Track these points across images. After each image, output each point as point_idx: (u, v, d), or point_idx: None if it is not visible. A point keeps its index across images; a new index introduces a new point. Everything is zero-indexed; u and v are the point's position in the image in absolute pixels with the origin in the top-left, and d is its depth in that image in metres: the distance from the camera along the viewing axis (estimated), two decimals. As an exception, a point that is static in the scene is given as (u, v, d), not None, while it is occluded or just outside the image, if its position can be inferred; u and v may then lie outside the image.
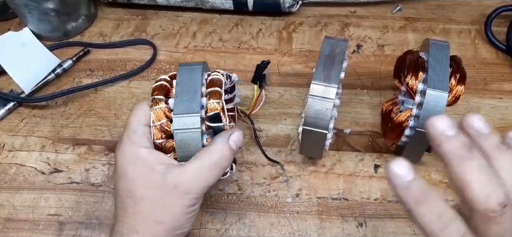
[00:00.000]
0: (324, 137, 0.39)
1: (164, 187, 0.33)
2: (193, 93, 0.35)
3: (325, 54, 0.38)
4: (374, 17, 0.61)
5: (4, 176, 0.47)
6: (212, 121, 0.35)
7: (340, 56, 0.38)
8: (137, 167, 0.33)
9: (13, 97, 0.52)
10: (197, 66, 0.37)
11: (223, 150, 0.34)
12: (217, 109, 0.35)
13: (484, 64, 0.54)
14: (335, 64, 0.38)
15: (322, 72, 0.37)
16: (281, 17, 0.62)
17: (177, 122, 0.34)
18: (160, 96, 0.36)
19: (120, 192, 0.34)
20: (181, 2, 0.61)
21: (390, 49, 0.57)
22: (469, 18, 0.60)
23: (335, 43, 0.39)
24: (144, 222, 0.33)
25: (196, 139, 0.35)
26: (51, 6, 0.56)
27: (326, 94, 0.37)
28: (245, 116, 0.49)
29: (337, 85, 0.37)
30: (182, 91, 0.36)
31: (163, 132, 0.36)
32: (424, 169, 0.45)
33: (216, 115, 0.35)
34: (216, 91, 0.36)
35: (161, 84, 0.37)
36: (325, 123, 0.37)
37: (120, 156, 0.34)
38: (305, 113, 0.38)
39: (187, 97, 0.35)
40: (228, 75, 0.40)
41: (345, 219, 0.42)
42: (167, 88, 0.37)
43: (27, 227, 0.43)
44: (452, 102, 0.38)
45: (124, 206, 0.33)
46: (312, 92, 0.37)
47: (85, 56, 0.58)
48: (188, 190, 0.33)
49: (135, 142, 0.34)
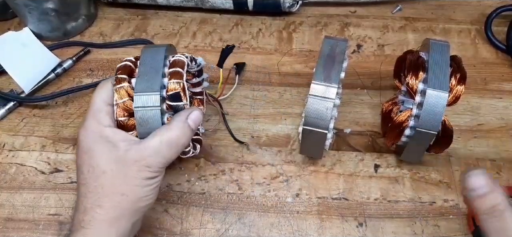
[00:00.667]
0: (324, 137, 0.39)
1: (126, 161, 0.34)
2: (155, 73, 0.37)
3: (325, 54, 0.39)
4: (374, 17, 0.61)
5: (4, 175, 0.47)
6: (172, 100, 0.37)
7: (340, 56, 0.38)
8: (100, 145, 0.35)
9: (13, 96, 0.52)
10: (161, 47, 0.39)
11: (181, 127, 0.35)
12: (177, 89, 0.37)
13: (484, 64, 0.54)
14: (335, 64, 0.38)
15: (322, 72, 0.37)
16: (281, 17, 0.62)
17: (138, 100, 0.36)
18: (123, 75, 0.37)
19: (82, 168, 0.35)
20: (181, 2, 0.61)
21: (390, 49, 0.57)
22: (469, 18, 0.60)
23: (335, 43, 0.39)
24: (107, 195, 0.33)
25: (156, 117, 0.36)
26: (51, 6, 0.56)
27: (326, 94, 0.37)
28: (213, 100, 0.50)
29: (338, 85, 0.37)
30: (144, 71, 0.37)
31: (125, 110, 0.37)
32: (424, 169, 0.45)
33: (176, 94, 0.37)
34: (177, 72, 0.37)
35: (125, 64, 0.38)
36: (325, 123, 0.38)
37: (84, 134, 0.35)
38: (305, 113, 0.38)
39: (148, 76, 0.37)
40: (192, 58, 0.41)
41: (345, 219, 0.42)
42: (131, 68, 0.38)
43: (27, 227, 0.43)
44: (452, 102, 0.38)
45: (87, 181, 0.34)
46: (313, 92, 0.37)
47: (85, 56, 0.58)
48: (148, 164, 0.34)
49: (99, 121, 0.35)
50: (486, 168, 0.45)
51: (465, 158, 0.46)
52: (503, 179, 0.44)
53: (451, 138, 0.40)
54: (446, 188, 0.44)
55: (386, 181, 0.45)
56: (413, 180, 0.45)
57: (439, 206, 0.43)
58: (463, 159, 0.46)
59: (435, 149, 0.41)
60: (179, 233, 0.42)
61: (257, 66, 0.56)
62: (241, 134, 0.49)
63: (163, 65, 0.38)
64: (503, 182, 0.44)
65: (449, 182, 0.44)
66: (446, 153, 0.45)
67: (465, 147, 0.47)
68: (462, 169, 0.45)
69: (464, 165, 0.45)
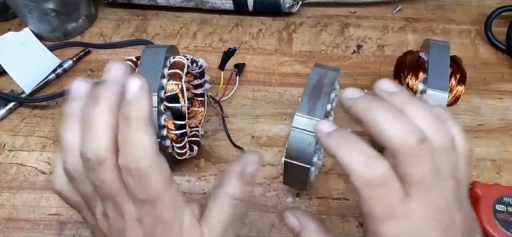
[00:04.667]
0: (307, 171, 0.36)
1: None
2: (154, 74, 0.37)
3: (312, 84, 0.36)
4: (374, 17, 0.61)
5: (4, 176, 0.47)
6: (169, 102, 0.37)
7: (328, 87, 0.36)
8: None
9: (13, 97, 0.52)
10: (162, 48, 0.39)
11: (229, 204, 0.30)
12: (175, 91, 0.37)
13: (484, 64, 0.54)
14: (322, 95, 0.35)
15: (307, 103, 0.35)
16: (281, 17, 0.62)
17: None
18: None
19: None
20: (181, 3, 0.61)
21: (390, 49, 0.57)
22: (469, 18, 0.60)
23: (324, 73, 0.37)
24: None
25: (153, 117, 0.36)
26: (51, 6, 0.56)
27: (309, 127, 0.34)
28: (214, 102, 0.50)
29: (322, 118, 0.35)
30: (144, 71, 0.37)
31: None
32: (424, 169, 0.45)
33: (174, 96, 0.37)
34: (176, 73, 0.38)
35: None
36: (308, 157, 0.35)
37: None
38: (287, 145, 0.36)
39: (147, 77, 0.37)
40: (193, 60, 0.41)
41: (345, 219, 0.42)
42: (131, 68, 0.39)
43: (28, 227, 0.43)
44: (452, 102, 0.39)
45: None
46: (295, 124, 0.35)
47: (86, 57, 0.58)
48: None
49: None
50: (486, 168, 0.45)
51: (465, 158, 0.46)
52: (503, 179, 0.44)
53: (451, 138, 0.40)
54: (446, 188, 0.44)
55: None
56: (413, 180, 0.45)
57: (439, 206, 0.43)
58: (463, 159, 0.46)
59: (435, 149, 0.41)
60: (179, 233, 0.42)
61: (257, 66, 0.56)
62: (241, 134, 0.49)
63: (162, 66, 0.38)
64: (503, 182, 0.44)
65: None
66: (446, 153, 0.45)
67: (465, 147, 0.47)
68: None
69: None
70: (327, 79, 0.36)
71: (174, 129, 0.39)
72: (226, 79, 0.52)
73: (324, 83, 0.36)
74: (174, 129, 0.39)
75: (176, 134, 0.39)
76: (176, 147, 0.40)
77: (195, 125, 0.47)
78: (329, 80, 0.36)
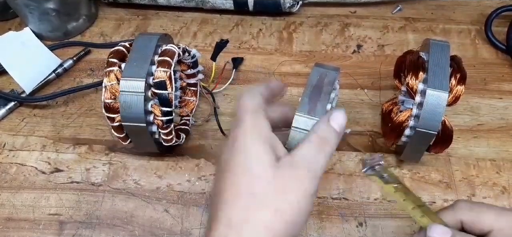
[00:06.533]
0: None
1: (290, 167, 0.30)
2: (144, 60, 0.38)
3: (312, 84, 0.36)
4: (374, 17, 0.61)
5: (4, 175, 0.47)
6: (157, 88, 0.38)
7: (328, 87, 0.36)
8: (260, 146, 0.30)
9: (14, 96, 0.52)
10: (154, 36, 0.40)
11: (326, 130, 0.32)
12: (163, 78, 0.38)
13: (484, 64, 0.54)
14: (322, 95, 0.35)
15: (308, 103, 0.35)
16: (282, 17, 0.62)
17: (123, 84, 0.37)
18: (114, 59, 0.39)
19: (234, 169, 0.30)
20: (181, 2, 0.61)
21: (390, 49, 0.57)
22: (469, 18, 0.60)
23: (324, 72, 0.36)
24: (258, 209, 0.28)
25: (138, 102, 0.37)
26: (52, 6, 0.56)
27: (309, 127, 0.34)
28: (207, 93, 0.50)
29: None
30: (134, 57, 0.38)
31: (113, 93, 0.38)
32: (425, 169, 0.45)
33: (162, 82, 0.38)
34: (165, 61, 0.38)
35: (117, 49, 0.40)
36: None
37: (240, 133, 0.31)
38: (287, 145, 0.35)
39: (137, 63, 0.38)
40: (185, 49, 0.42)
41: (345, 219, 0.42)
42: (123, 53, 0.40)
43: (28, 227, 0.43)
44: (452, 102, 0.39)
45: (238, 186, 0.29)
46: (295, 124, 0.34)
47: (86, 56, 0.58)
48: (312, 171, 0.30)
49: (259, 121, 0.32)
50: (486, 168, 0.45)
51: (465, 158, 0.46)
52: (503, 179, 0.44)
53: (451, 138, 0.40)
54: (446, 188, 0.44)
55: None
56: (413, 180, 0.45)
57: (439, 205, 0.43)
58: (463, 159, 0.46)
59: (435, 149, 0.41)
60: (180, 233, 0.42)
61: (257, 66, 0.56)
62: (241, 134, 0.49)
63: (153, 53, 0.38)
64: (503, 182, 0.44)
65: (449, 182, 0.44)
66: (446, 153, 0.46)
67: (465, 147, 0.47)
68: (462, 169, 0.45)
69: (464, 165, 0.46)
70: (327, 79, 0.36)
71: (161, 116, 0.40)
72: (219, 71, 0.53)
73: (324, 82, 0.36)
74: (160, 115, 0.40)
75: (162, 120, 0.40)
76: (162, 133, 0.41)
77: (186, 114, 0.48)
78: (329, 79, 0.36)
